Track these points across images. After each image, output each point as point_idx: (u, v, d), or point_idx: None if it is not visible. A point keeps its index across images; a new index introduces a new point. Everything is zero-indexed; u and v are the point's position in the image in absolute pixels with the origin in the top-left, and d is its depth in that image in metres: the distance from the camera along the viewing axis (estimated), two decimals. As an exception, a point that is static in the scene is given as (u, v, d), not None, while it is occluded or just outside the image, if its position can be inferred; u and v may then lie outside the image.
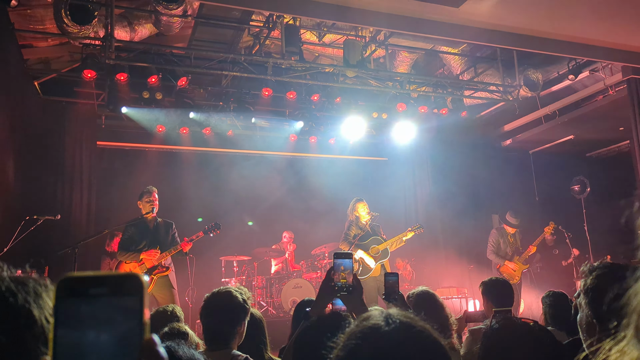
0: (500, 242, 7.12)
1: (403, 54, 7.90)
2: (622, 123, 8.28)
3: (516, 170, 10.10)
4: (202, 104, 8.23)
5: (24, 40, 6.63)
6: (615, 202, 9.55)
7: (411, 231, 6.15)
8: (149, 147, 8.64)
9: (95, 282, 0.54)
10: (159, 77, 6.66)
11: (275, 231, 9.32)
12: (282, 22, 6.38)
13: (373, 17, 5.44)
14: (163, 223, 5.56)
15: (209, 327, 2.36)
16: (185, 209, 9.26)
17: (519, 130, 9.36)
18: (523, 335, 1.66)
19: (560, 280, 7.89)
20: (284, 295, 7.46)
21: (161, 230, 5.48)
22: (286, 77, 7.04)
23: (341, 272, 2.02)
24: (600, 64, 7.50)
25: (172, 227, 5.61)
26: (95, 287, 0.54)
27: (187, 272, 7.66)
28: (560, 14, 5.61)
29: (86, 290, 0.54)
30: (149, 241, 5.38)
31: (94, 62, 6.37)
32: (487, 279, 3.53)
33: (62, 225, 7.20)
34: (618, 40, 6.26)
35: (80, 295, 0.54)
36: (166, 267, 5.34)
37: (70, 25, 5.47)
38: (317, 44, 7.51)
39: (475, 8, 5.37)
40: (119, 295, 0.54)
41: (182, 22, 6.44)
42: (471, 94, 8.25)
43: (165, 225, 5.55)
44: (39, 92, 7.36)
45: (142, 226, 5.42)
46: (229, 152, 9.15)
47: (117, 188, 8.23)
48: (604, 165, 10.13)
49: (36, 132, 7.17)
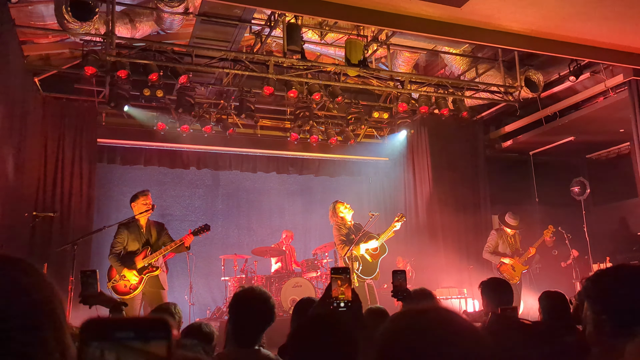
0: (499, 244, 7.11)
1: (404, 53, 7.89)
2: (622, 125, 8.28)
3: (516, 171, 10.10)
4: (203, 102, 8.22)
5: (25, 37, 6.62)
6: (615, 203, 9.56)
7: (398, 220, 6.03)
8: (149, 145, 8.62)
9: (121, 326, 0.53)
10: (159, 74, 6.65)
11: (275, 230, 9.32)
12: (283, 20, 6.37)
13: (375, 16, 5.43)
14: (155, 224, 5.52)
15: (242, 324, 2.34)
16: (185, 208, 9.27)
17: (519, 131, 9.35)
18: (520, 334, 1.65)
19: (559, 281, 7.89)
20: (283, 295, 7.46)
21: (153, 232, 5.45)
22: (287, 76, 7.03)
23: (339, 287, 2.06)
24: (601, 66, 7.50)
25: (163, 227, 5.58)
26: (121, 331, 0.53)
27: (186, 270, 7.66)
28: (562, 15, 5.61)
29: (112, 333, 0.53)
30: (141, 243, 5.36)
31: (94, 59, 6.36)
32: (487, 279, 3.52)
33: (62, 222, 7.21)
34: (620, 41, 6.25)
35: (105, 339, 0.53)
36: (156, 267, 5.29)
37: (71, 22, 5.46)
38: (318, 43, 7.50)
39: (477, 8, 5.36)
40: (146, 340, 0.53)
41: (183, 19, 6.43)
42: (472, 95, 8.24)
43: (157, 226, 5.52)
44: (40, 89, 7.35)
45: (135, 228, 5.38)
46: (229, 150, 9.14)
47: (117, 185, 8.23)
48: (604, 166, 10.12)
49: (36, 128, 7.16)
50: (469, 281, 8.21)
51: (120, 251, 5.30)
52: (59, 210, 7.16)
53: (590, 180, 9.02)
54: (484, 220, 9.20)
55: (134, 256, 5.29)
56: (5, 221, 5.58)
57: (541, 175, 10.08)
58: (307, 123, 8.47)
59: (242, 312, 2.34)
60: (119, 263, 5.21)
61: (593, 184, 9.12)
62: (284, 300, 7.42)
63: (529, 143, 9.53)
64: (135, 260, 5.26)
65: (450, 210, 9.01)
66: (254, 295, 2.39)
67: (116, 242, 5.33)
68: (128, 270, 5.20)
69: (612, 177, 9.65)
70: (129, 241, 5.32)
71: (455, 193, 9.13)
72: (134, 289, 5.18)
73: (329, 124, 9.06)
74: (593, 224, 8.81)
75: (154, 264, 5.29)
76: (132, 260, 5.26)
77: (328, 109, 9.07)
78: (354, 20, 5.90)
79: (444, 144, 9.36)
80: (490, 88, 7.97)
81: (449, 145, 9.38)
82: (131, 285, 5.18)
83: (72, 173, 7.56)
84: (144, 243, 5.36)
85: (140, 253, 5.31)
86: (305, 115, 8.34)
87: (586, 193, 8.72)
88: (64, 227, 7.19)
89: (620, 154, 9.81)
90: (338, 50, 7.51)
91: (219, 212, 9.39)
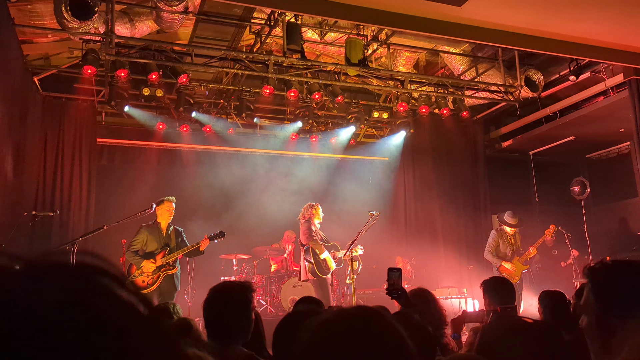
0: (500, 244, 7.09)
1: (404, 53, 7.89)
2: (622, 124, 8.27)
3: (516, 171, 10.09)
4: (203, 101, 8.21)
5: (24, 36, 6.61)
6: (615, 203, 9.55)
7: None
8: (148, 145, 8.61)
9: None
10: (159, 74, 6.64)
11: (275, 230, 9.30)
12: (283, 19, 6.36)
13: (375, 15, 5.43)
14: (174, 230, 5.90)
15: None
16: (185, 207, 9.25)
17: (519, 131, 9.35)
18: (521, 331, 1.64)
19: (559, 281, 7.87)
20: (283, 294, 7.45)
21: (172, 236, 5.82)
22: (287, 75, 7.02)
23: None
24: (601, 65, 7.49)
25: (182, 233, 5.98)
26: None
27: (186, 270, 7.65)
28: (562, 14, 5.60)
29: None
30: (160, 245, 5.71)
31: (94, 59, 6.35)
32: (489, 278, 3.52)
33: (61, 221, 7.20)
34: (620, 40, 6.25)
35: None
36: (173, 266, 5.68)
37: (71, 21, 5.45)
38: (318, 42, 7.49)
39: (477, 7, 5.36)
40: None
41: (183, 18, 6.42)
42: (472, 94, 8.23)
43: (175, 232, 5.90)
44: (39, 88, 7.33)
45: (155, 231, 5.75)
46: (229, 150, 9.12)
47: (116, 185, 8.21)
48: (604, 166, 10.12)
49: (35, 128, 7.15)
50: (468, 281, 8.20)
51: (137, 250, 5.62)
52: (59, 210, 7.15)
53: (590, 180, 9.01)
54: (483, 220, 9.19)
55: (153, 256, 5.63)
56: (5, 220, 5.57)
57: (541, 175, 10.08)
58: (307, 123, 8.47)
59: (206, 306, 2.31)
60: (138, 257, 5.56)
61: (593, 183, 9.11)
62: (284, 299, 7.41)
63: (529, 143, 9.52)
64: (155, 257, 5.60)
65: (450, 210, 9.00)
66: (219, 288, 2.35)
67: (135, 241, 5.67)
68: (147, 261, 5.53)
69: (612, 177, 9.64)
70: (147, 242, 5.66)
71: (455, 193, 9.12)
72: (151, 284, 5.52)
73: (329, 124, 9.04)
74: (593, 224, 8.80)
75: (171, 263, 5.65)
76: (153, 256, 5.62)
77: (328, 109, 9.06)
78: (354, 20, 5.90)
79: (443, 143, 9.35)
80: (490, 88, 7.96)
81: (449, 145, 9.37)
82: (148, 281, 5.52)
83: (71, 172, 7.55)
84: (162, 245, 5.70)
85: (159, 253, 5.64)
86: (305, 115, 8.33)
87: (586, 193, 8.71)
88: (64, 227, 7.18)
89: (620, 154, 9.80)
90: (338, 49, 7.50)
91: (219, 212, 9.36)
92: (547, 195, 9.85)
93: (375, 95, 9.23)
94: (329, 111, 9.14)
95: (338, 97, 7.43)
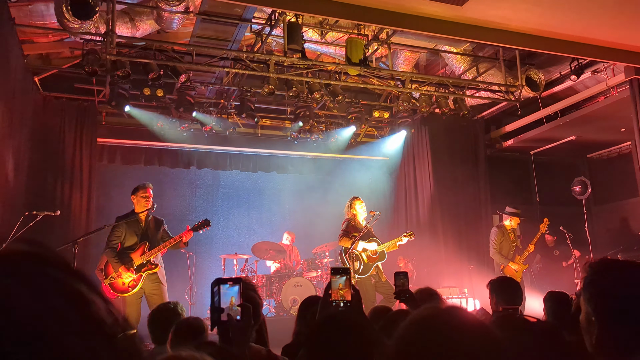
0: (502, 241, 7.04)
1: (405, 52, 7.88)
2: (623, 124, 8.25)
3: (517, 171, 10.09)
4: (203, 101, 8.21)
5: (25, 36, 6.61)
6: (617, 203, 9.55)
7: (406, 236, 6.15)
8: (149, 145, 8.61)
9: None
10: (160, 73, 6.63)
11: (275, 230, 9.29)
12: (284, 19, 6.35)
13: (376, 15, 5.42)
14: (154, 220, 5.43)
15: None
16: (185, 208, 9.25)
17: (520, 131, 9.34)
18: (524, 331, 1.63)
19: (561, 281, 7.87)
20: (284, 294, 7.44)
21: (151, 228, 5.36)
22: (288, 75, 7.01)
23: (339, 289, 2.06)
24: (602, 65, 7.48)
25: (163, 223, 5.48)
26: None
27: (187, 270, 7.64)
28: (564, 14, 5.59)
29: None
30: (139, 239, 5.27)
31: (94, 58, 6.34)
32: (496, 277, 3.51)
33: (62, 221, 7.18)
34: (621, 40, 6.24)
35: None
36: (155, 264, 5.22)
37: (71, 21, 5.44)
38: (319, 42, 7.48)
39: (478, 7, 5.35)
40: None
41: (183, 18, 6.42)
42: (473, 94, 8.22)
43: (156, 222, 5.43)
44: (39, 88, 7.33)
45: (134, 223, 5.29)
46: (229, 150, 9.12)
47: (117, 184, 8.21)
48: (605, 166, 10.11)
49: (36, 128, 7.14)
50: (469, 280, 8.19)
51: (116, 245, 5.21)
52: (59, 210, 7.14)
53: (591, 180, 9.00)
54: (484, 220, 9.18)
55: (131, 252, 5.20)
56: (5, 220, 5.56)
57: (542, 174, 10.07)
58: (307, 123, 8.46)
59: None
60: (116, 259, 5.12)
61: (594, 183, 9.10)
62: (285, 299, 7.40)
63: (529, 142, 9.51)
64: (133, 257, 5.17)
65: (451, 209, 8.99)
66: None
67: (113, 236, 5.24)
68: (125, 269, 5.09)
69: (614, 177, 9.64)
70: (126, 236, 5.24)
71: (455, 192, 9.11)
72: (133, 287, 5.11)
73: (329, 124, 9.04)
74: (594, 224, 8.80)
75: (152, 261, 5.22)
76: (129, 257, 5.17)
77: (328, 108, 9.05)
78: (355, 19, 5.89)
79: (444, 143, 9.34)
80: (491, 87, 7.95)
81: (450, 145, 9.36)
82: (130, 283, 5.10)
83: (72, 172, 7.54)
84: (141, 238, 5.26)
85: (137, 249, 5.22)
86: (306, 114, 8.33)
87: (587, 192, 8.70)
88: (64, 227, 7.17)
89: (621, 153, 9.79)
90: (339, 49, 7.49)
91: (219, 212, 9.36)
92: (548, 195, 9.84)
93: (375, 95, 9.22)
94: (330, 111, 9.13)
95: (338, 97, 7.41)
